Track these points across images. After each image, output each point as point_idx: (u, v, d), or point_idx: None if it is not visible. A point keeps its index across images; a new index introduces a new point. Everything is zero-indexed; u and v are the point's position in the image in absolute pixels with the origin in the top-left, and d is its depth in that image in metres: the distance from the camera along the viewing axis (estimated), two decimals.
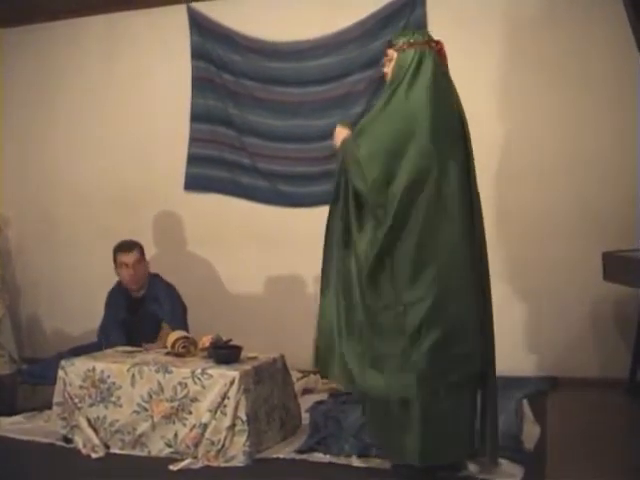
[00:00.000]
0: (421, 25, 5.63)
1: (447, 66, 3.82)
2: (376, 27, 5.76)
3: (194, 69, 6.25)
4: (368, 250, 3.65)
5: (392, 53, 3.80)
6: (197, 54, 6.23)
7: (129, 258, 5.34)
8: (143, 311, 5.35)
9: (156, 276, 5.48)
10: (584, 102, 5.45)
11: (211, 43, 6.18)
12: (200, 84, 6.24)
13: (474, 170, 3.81)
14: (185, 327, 5.18)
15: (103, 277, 5.68)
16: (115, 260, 5.41)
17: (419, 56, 3.70)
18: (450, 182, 3.64)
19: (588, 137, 5.45)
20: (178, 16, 6.25)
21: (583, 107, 5.45)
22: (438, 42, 3.80)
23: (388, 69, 3.84)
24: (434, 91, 3.67)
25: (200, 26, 6.21)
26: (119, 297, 5.45)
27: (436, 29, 5.56)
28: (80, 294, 6.58)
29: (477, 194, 3.79)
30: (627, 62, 5.24)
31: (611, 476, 3.70)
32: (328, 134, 5.76)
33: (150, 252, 5.78)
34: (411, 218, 3.60)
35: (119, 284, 5.49)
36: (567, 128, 5.49)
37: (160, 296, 5.35)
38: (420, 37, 3.78)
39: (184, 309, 5.40)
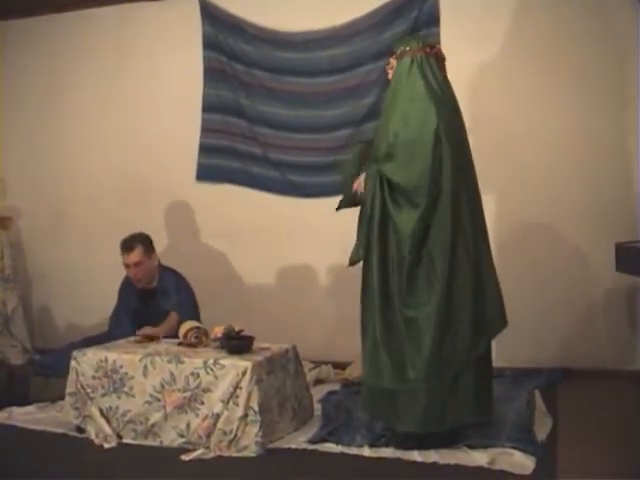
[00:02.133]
0: (433, 16, 5.64)
1: (444, 67, 4.09)
2: (388, 17, 5.74)
3: (205, 59, 6.24)
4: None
5: (392, 61, 4.11)
6: (209, 44, 6.22)
7: (129, 259, 5.25)
8: (154, 303, 5.31)
9: (168, 269, 5.41)
10: (594, 96, 5.43)
11: (223, 33, 6.18)
12: (211, 74, 6.24)
13: (473, 171, 4.11)
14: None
15: (113, 269, 5.68)
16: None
17: (415, 62, 3.99)
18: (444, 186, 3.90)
19: (597, 130, 5.44)
20: (189, 6, 6.24)
21: (593, 101, 5.44)
22: (434, 46, 4.12)
23: (390, 76, 4.14)
24: (431, 93, 3.94)
25: (212, 16, 6.20)
26: (131, 287, 5.41)
27: (448, 20, 5.62)
28: (90, 285, 6.58)
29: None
30: (637, 56, 5.22)
31: (623, 467, 3.69)
32: (339, 125, 5.83)
33: (161, 243, 5.79)
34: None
35: None
36: (576, 121, 5.48)
37: (170, 290, 5.30)
38: (415, 44, 4.07)
39: (196, 305, 5.33)
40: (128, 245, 5.26)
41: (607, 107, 5.40)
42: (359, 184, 4.09)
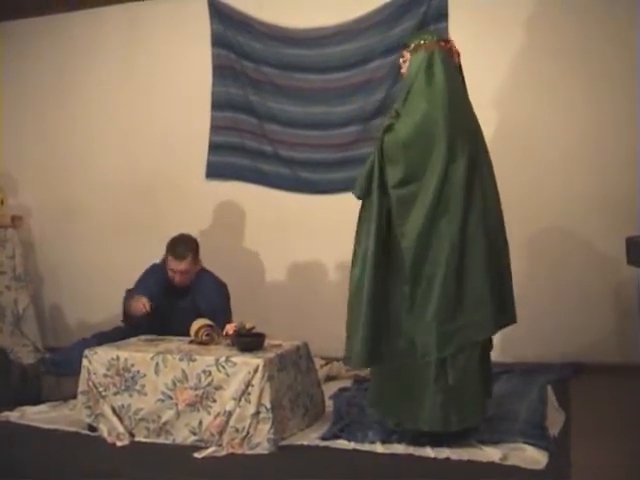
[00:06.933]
0: (442, 11, 5.64)
1: (459, 62, 4.07)
2: (397, 13, 5.74)
3: (214, 57, 6.26)
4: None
5: (406, 54, 4.07)
6: (217, 42, 6.23)
7: (179, 267, 5.19)
8: (180, 300, 5.25)
9: (204, 270, 5.36)
10: (604, 89, 5.42)
11: (231, 31, 6.18)
12: (220, 72, 6.25)
13: (489, 163, 4.07)
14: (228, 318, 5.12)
15: (124, 266, 5.70)
16: (166, 256, 5.26)
17: (429, 56, 3.95)
18: (454, 183, 3.85)
19: (608, 123, 5.43)
20: (197, 4, 6.26)
21: (603, 94, 5.43)
22: (448, 41, 4.09)
23: (404, 69, 4.10)
24: (446, 88, 3.90)
25: (220, 14, 6.21)
26: (160, 280, 5.30)
27: (456, 15, 5.61)
28: (101, 283, 6.59)
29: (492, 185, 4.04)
30: None
31: (636, 462, 3.68)
32: (349, 121, 5.83)
33: None
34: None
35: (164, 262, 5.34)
36: (587, 115, 5.47)
37: (206, 290, 5.25)
38: (430, 38, 4.05)
39: (230, 311, 5.30)
40: (181, 253, 5.18)
41: (622, 99, 5.37)
42: None
